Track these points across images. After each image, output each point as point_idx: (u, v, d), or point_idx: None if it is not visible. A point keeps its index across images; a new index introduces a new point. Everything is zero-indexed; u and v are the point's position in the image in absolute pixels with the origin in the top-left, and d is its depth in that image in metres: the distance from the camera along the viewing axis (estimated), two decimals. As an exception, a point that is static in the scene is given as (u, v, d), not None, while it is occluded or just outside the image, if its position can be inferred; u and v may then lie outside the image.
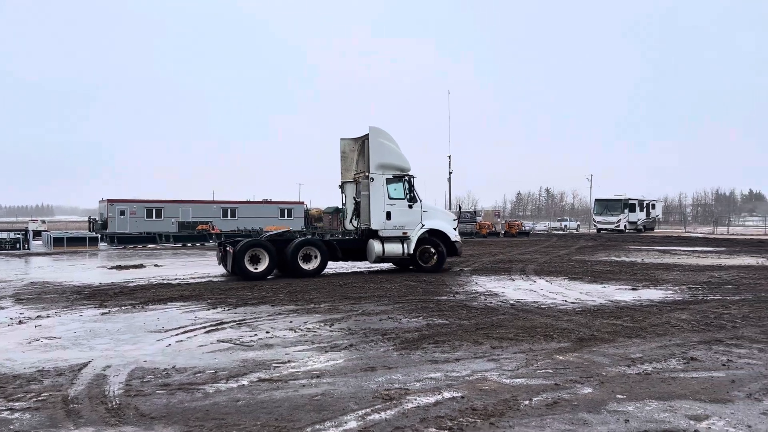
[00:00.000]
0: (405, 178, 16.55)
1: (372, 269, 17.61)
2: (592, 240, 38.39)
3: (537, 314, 9.61)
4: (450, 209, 31.76)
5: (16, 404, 5.02)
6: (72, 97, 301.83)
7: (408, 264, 16.82)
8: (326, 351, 6.98)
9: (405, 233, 16.41)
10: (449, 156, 47.09)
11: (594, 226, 57.28)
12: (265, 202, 56.22)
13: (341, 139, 17.60)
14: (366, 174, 16.40)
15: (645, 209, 58.23)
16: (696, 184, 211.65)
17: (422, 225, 16.62)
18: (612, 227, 53.97)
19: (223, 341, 7.55)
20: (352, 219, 17.50)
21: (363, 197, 16.71)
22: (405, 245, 16.33)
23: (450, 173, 47.87)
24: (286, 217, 52.03)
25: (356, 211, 17.27)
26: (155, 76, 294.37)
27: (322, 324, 8.69)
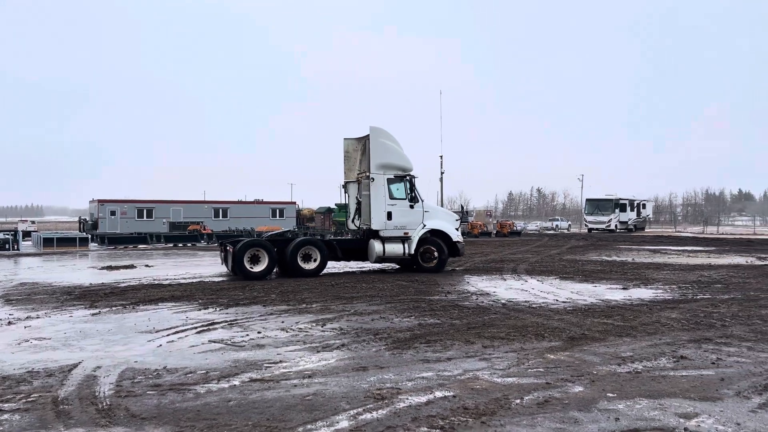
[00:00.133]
0: (406, 178, 16.52)
1: (364, 269, 17.61)
2: (583, 240, 38.57)
3: (528, 313, 9.64)
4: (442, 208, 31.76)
5: (6, 405, 4.99)
6: (62, 97, 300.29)
7: (409, 264, 16.81)
8: (318, 351, 6.98)
9: (406, 233, 16.38)
10: (441, 156, 47.25)
11: (585, 226, 57.53)
12: (257, 202, 56.04)
13: (344, 139, 17.52)
14: (367, 174, 16.43)
15: (636, 209, 58.53)
16: (686, 184, 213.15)
17: (424, 225, 16.58)
18: (603, 227, 54.21)
19: (215, 341, 7.53)
20: (354, 219, 17.48)
21: (364, 197, 16.72)
22: (406, 245, 16.31)
23: (442, 173, 48.02)
24: (278, 217, 51.86)
25: (359, 211, 17.23)
26: (147, 77, 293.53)
27: (314, 324, 8.68)
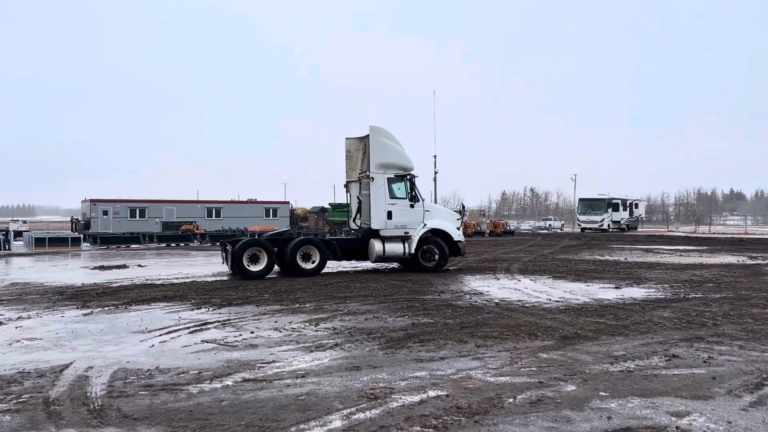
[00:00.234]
0: (407, 178, 16.52)
1: (358, 269, 17.60)
2: (576, 239, 38.69)
3: (521, 313, 9.66)
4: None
5: (-4, 406, 4.95)
6: (55, 96, 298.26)
7: (410, 264, 16.78)
8: (311, 351, 6.97)
9: (407, 233, 16.37)
10: (435, 156, 47.19)
11: (578, 226, 57.74)
12: (250, 202, 55.93)
13: (346, 139, 17.47)
14: (366, 173, 16.42)
15: (628, 209, 58.79)
16: (678, 184, 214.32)
17: (424, 225, 16.56)
18: (596, 226, 54.44)
19: (208, 341, 7.51)
20: (356, 218, 17.46)
21: (364, 196, 16.73)
22: (406, 245, 16.29)
23: (436, 173, 47.90)
24: (272, 217, 51.78)
25: (360, 211, 17.22)
26: (144, 77, 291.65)
27: (308, 324, 8.67)
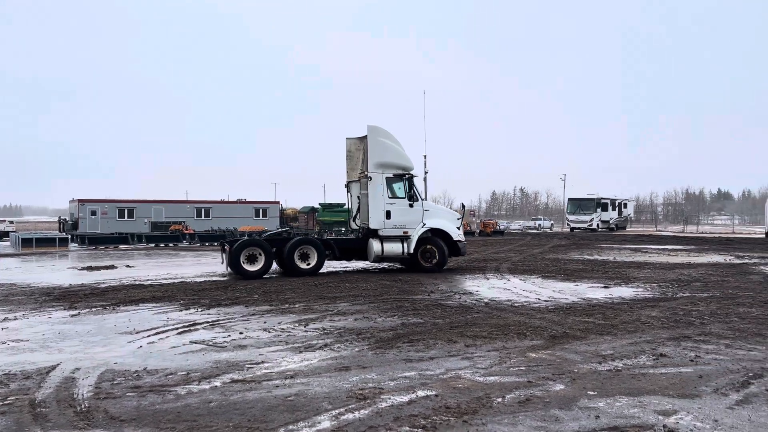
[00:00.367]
0: (405, 177, 16.51)
1: (348, 269, 17.59)
2: (566, 239, 38.86)
3: (511, 312, 9.69)
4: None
5: (-19, 409, 4.90)
6: (48, 96, 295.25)
7: (410, 264, 16.76)
8: (300, 351, 6.95)
9: (406, 232, 16.35)
10: (425, 156, 47.24)
11: (567, 225, 57.99)
12: (240, 202, 55.71)
13: (347, 138, 17.43)
14: (365, 173, 16.40)
15: (617, 208, 59.10)
16: (667, 184, 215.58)
17: (423, 224, 16.54)
18: (585, 226, 54.69)
19: (196, 342, 7.47)
20: (355, 218, 17.45)
21: (362, 196, 16.71)
22: (405, 245, 16.28)
23: (426, 173, 47.94)
24: (261, 217, 51.59)
25: (360, 210, 17.20)
26: (131, 77, 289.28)
27: (297, 324, 8.65)
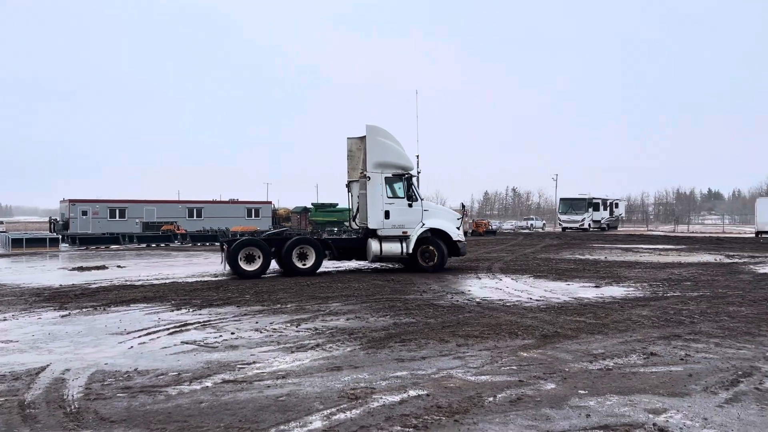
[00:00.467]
0: (404, 177, 16.49)
1: (340, 269, 17.58)
2: (557, 239, 38.98)
3: (502, 312, 9.72)
4: None
5: (-30, 410, 4.87)
6: (40, 95, 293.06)
7: (409, 264, 16.74)
8: (292, 351, 6.94)
9: (405, 232, 16.32)
10: (417, 156, 47.31)
11: (559, 225, 58.18)
12: (232, 202, 55.55)
13: (348, 138, 17.38)
14: (364, 173, 16.37)
15: (609, 208, 59.33)
16: (658, 184, 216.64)
17: (423, 224, 16.51)
18: (576, 226, 54.87)
19: (187, 343, 7.44)
20: (355, 218, 17.42)
21: (361, 196, 16.72)
22: (404, 245, 16.25)
23: (418, 172, 48.00)
24: (254, 217, 51.44)
25: (359, 210, 17.17)
26: (126, 76, 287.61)
27: (289, 324, 8.64)
